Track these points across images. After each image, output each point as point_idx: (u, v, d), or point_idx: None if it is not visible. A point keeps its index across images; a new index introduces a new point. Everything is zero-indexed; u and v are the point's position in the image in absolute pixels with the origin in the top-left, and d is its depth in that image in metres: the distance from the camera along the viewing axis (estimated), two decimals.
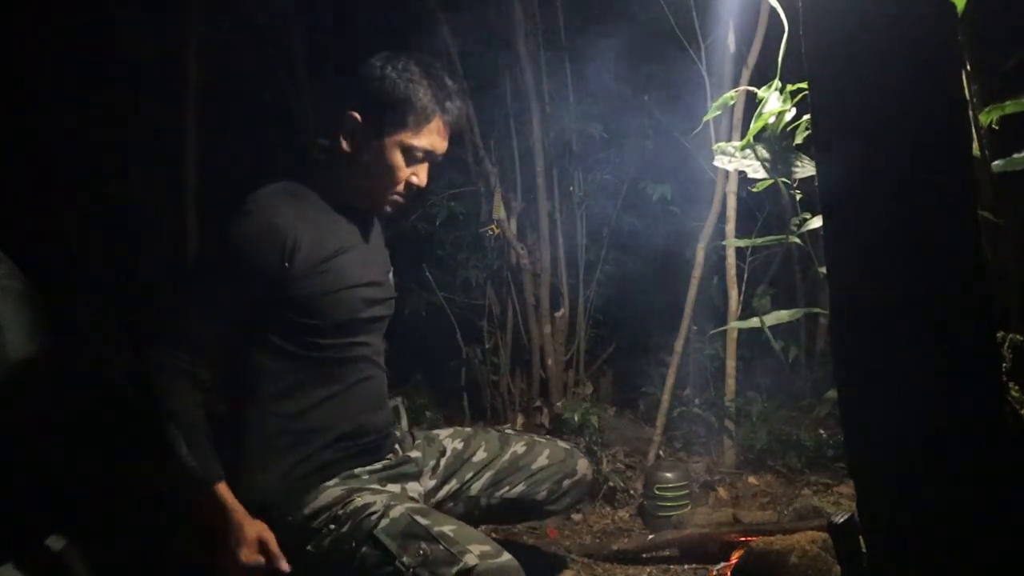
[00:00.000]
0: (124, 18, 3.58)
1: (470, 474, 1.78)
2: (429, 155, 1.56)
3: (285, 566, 1.46)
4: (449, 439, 1.84)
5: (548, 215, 3.17)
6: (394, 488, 1.62)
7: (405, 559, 1.38)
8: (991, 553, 0.91)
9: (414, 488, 1.68)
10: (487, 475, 1.79)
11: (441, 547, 1.38)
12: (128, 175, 3.74)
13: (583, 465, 1.86)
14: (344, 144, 1.54)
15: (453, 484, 1.78)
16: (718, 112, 2.42)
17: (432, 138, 1.54)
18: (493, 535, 2.35)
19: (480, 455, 1.81)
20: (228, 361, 1.58)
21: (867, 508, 1.03)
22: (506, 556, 1.40)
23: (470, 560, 1.35)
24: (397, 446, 1.73)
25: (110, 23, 3.58)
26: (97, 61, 3.60)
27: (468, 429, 1.90)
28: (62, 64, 3.60)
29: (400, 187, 1.56)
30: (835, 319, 1.02)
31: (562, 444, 1.89)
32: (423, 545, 1.38)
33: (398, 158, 1.53)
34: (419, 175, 1.57)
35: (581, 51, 3.31)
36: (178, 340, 1.46)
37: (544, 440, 1.90)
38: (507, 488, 1.79)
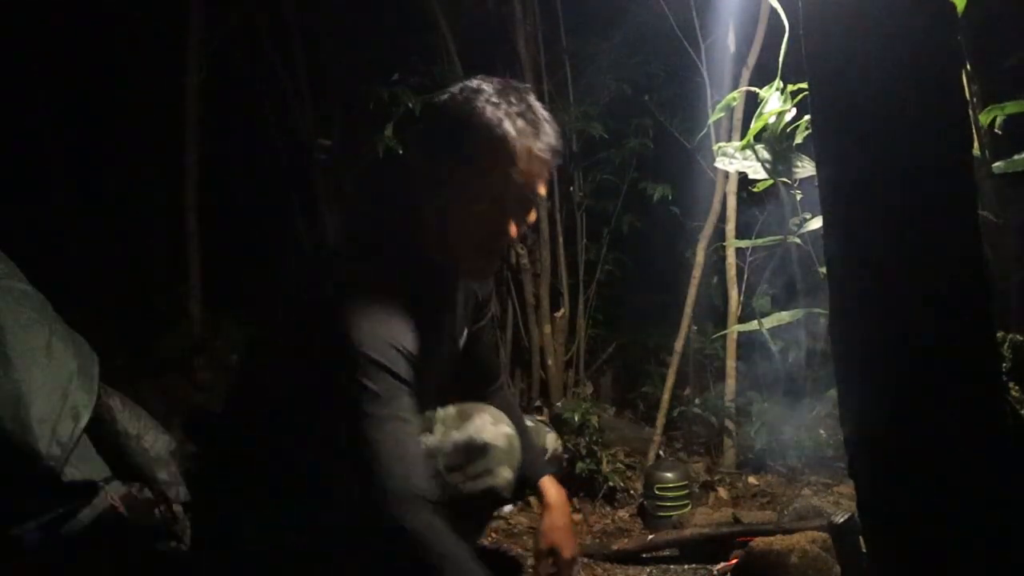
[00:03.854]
0: (125, 18, 3.58)
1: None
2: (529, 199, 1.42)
3: None
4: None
5: (548, 215, 3.17)
6: None
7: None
8: (991, 553, 0.91)
9: None
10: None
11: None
12: (129, 174, 3.75)
13: (551, 440, 1.81)
14: (445, 195, 1.40)
15: None
16: (722, 114, 2.42)
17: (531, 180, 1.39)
18: (494, 534, 2.35)
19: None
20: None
21: (867, 508, 1.03)
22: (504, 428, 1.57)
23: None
24: None
25: (111, 23, 3.59)
26: (98, 63, 3.60)
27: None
28: (61, 66, 3.60)
29: (500, 235, 1.42)
30: (835, 319, 1.02)
31: (529, 420, 1.79)
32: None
33: (494, 207, 1.38)
34: (520, 220, 1.43)
35: (581, 51, 3.31)
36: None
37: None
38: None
